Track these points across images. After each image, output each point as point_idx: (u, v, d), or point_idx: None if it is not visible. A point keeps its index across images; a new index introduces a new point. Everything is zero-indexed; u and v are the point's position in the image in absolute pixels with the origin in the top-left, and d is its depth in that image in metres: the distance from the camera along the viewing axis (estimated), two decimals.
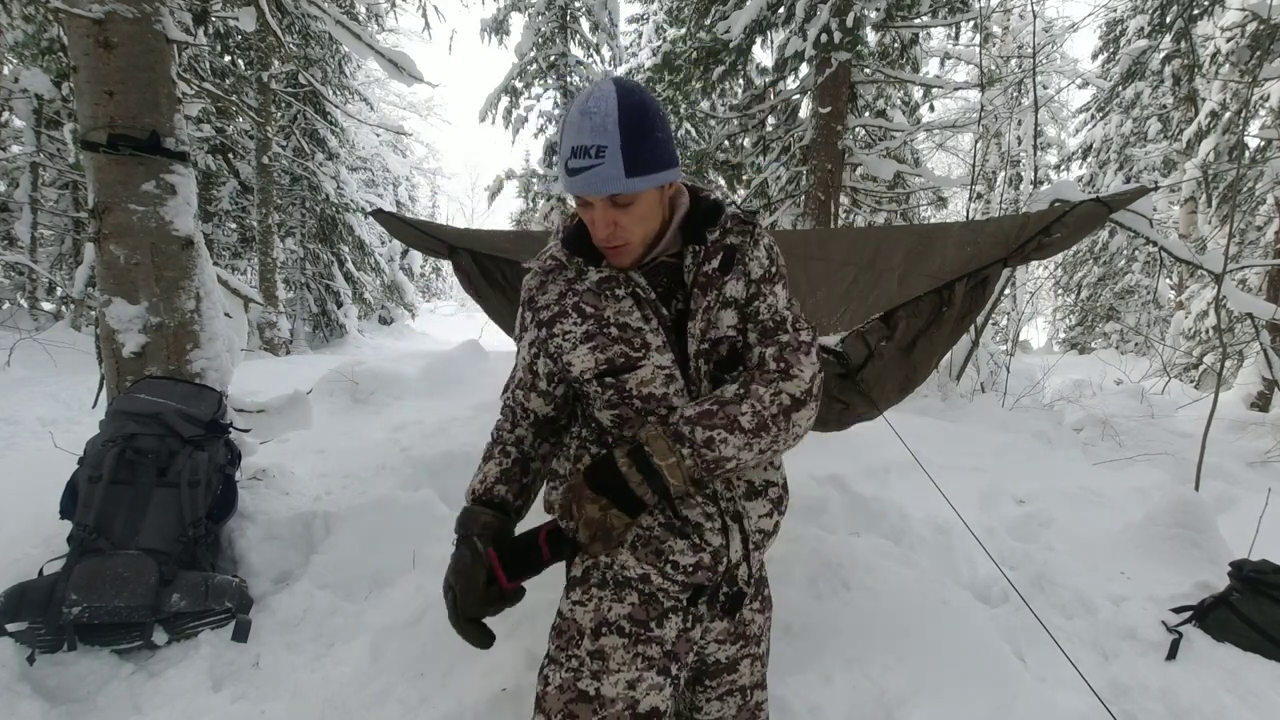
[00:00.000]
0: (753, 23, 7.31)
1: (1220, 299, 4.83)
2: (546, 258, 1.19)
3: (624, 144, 1.00)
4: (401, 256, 18.41)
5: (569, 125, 1.04)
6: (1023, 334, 17.84)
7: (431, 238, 2.94)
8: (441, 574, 1.20)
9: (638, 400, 1.11)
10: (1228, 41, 8.68)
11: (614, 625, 1.12)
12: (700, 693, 1.27)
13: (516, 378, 1.25)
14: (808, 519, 3.03)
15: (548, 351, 1.17)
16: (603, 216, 1.06)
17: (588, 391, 1.16)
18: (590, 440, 1.22)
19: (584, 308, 1.13)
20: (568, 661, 1.11)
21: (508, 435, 1.25)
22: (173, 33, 2.62)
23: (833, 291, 2.69)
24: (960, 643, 2.06)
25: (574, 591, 1.18)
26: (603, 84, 1.04)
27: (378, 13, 12.88)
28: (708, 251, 1.14)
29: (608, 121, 1.00)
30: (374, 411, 5.02)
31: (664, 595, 1.15)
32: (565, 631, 1.15)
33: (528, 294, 1.20)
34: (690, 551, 1.12)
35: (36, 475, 2.85)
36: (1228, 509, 3.74)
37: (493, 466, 1.23)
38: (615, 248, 1.09)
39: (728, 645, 1.25)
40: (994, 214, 13.59)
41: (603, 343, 1.11)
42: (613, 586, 1.15)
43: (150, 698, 1.93)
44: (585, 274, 1.15)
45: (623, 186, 1.02)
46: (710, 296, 1.13)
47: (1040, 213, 2.23)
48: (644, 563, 1.13)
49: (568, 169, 1.04)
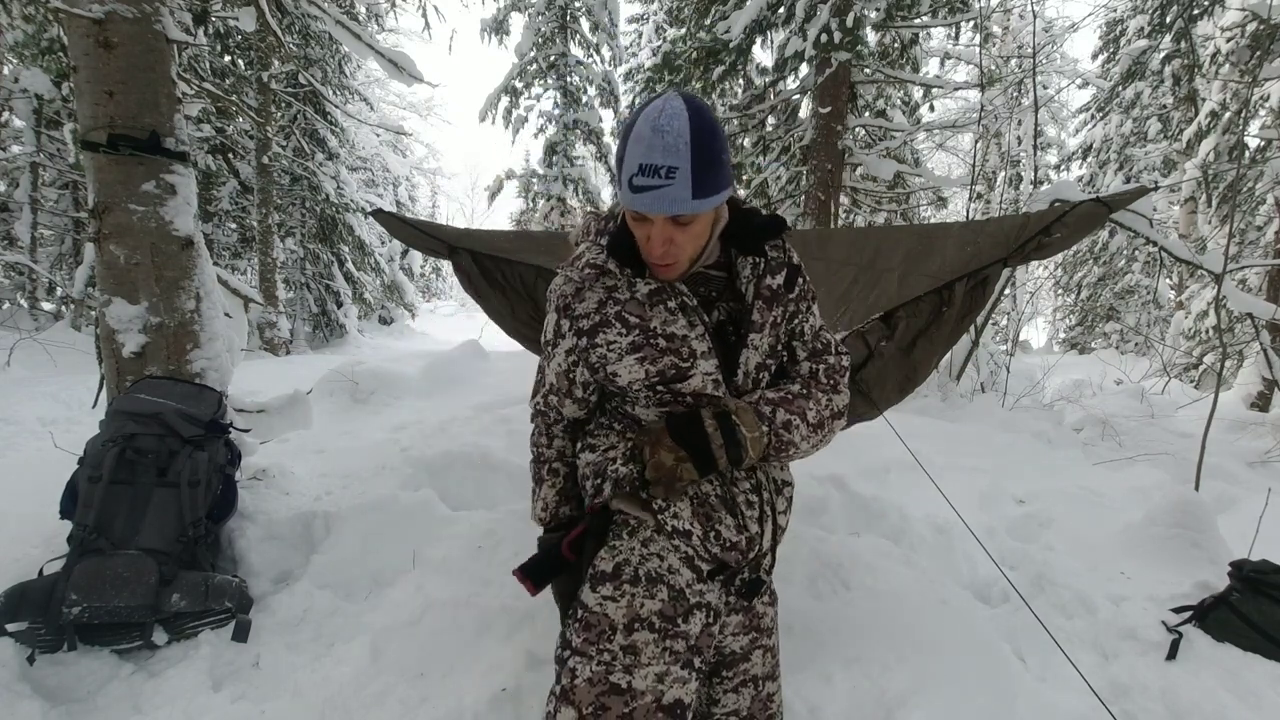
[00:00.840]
0: (753, 23, 7.31)
1: (1220, 299, 4.83)
2: (584, 265, 1.17)
3: (694, 166, 1.00)
4: (401, 256, 18.42)
5: (637, 139, 1.01)
6: (1023, 334, 17.84)
7: (431, 238, 2.94)
8: (441, 575, 1.26)
9: (690, 397, 1.17)
10: (1228, 41, 8.67)
11: (646, 621, 1.12)
12: (717, 684, 1.30)
13: (549, 384, 1.28)
14: (808, 519, 3.03)
15: (588, 361, 1.18)
16: (660, 234, 1.06)
17: (633, 395, 1.19)
18: (625, 430, 1.26)
19: (628, 318, 1.14)
20: (599, 655, 1.10)
21: (549, 452, 1.32)
22: (173, 33, 2.61)
23: (833, 291, 2.69)
24: (960, 643, 2.06)
25: (604, 586, 1.15)
26: (673, 100, 1.03)
27: (378, 13, 12.88)
28: (769, 266, 1.19)
29: (679, 142, 1.00)
30: (374, 411, 5.03)
31: (689, 590, 1.16)
32: (595, 625, 1.12)
33: (562, 300, 1.19)
34: (735, 530, 1.18)
35: (36, 475, 2.85)
36: (1228, 509, 3.73)
37: (549, 491, 1.31)
38: (666, 265, 1.11)
39: (742, 636, 1.29)
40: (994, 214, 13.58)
41: (651, 354, 1.13)
42: (645, 583, 1.15)
43: (150, 698, 1.92)
44: (634, 286, 1.15)
45: (689, 208, 1.02)
46: (776, 312, 1.19)
47: (1040, 213, 2.23)
48: (696, 520, 1.17)
49: (632, 185, 1.02)
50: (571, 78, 14.33)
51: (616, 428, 1.25)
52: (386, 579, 2.51)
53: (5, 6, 7.67)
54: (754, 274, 1.18)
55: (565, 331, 1.20)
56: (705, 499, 1.18)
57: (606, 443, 1.25)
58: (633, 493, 1.20)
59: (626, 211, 1.10)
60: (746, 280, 1.18)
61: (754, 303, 1.17)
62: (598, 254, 1.17)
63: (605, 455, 1.24)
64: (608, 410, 1.29)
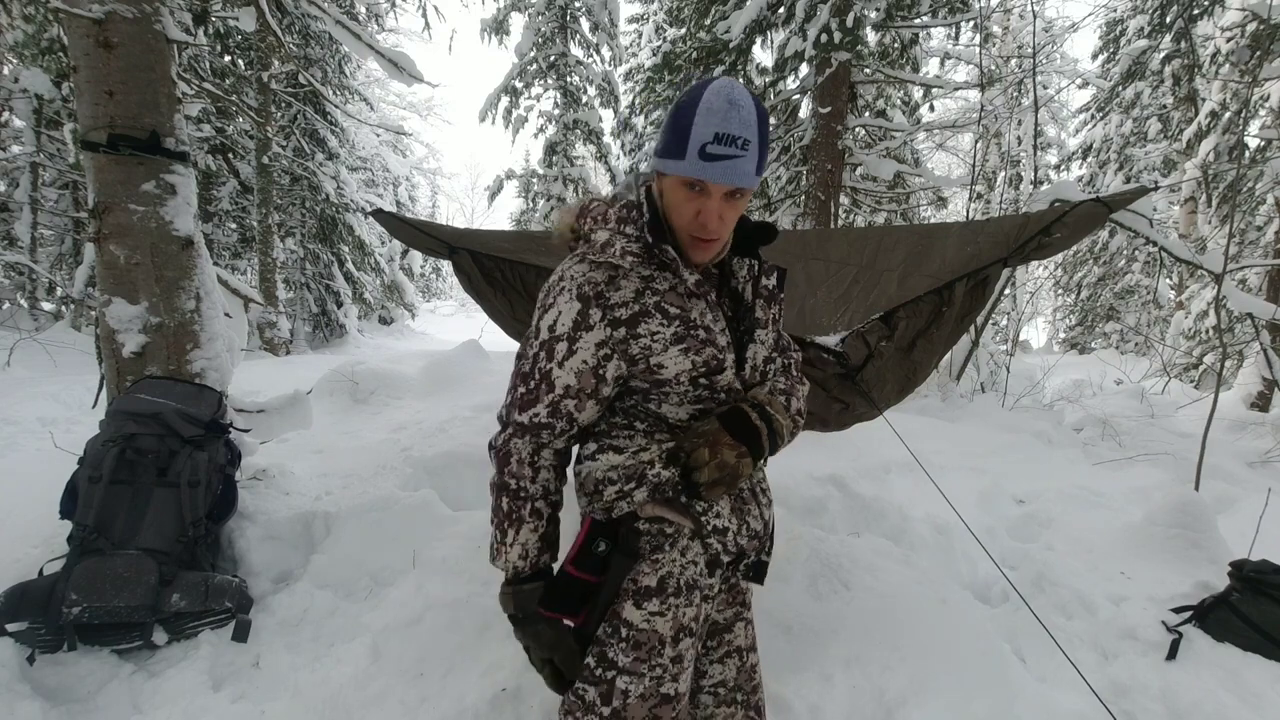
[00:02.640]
0: (753, 23, 7.31)
1: (1220, 299, 4.83)
2: (617, 252, 1.11)
3: (759, 142, 1.06)
4: (401, 256, 18.40)
5: (709, 110, 1.03)
6: (1023, 334, 17.85)
7: (431, 238, 2.94)
8: (442, 575, 1.23)
9: (723, 394, 1.18)
10: (1228, 41, 8.68)
11: (687, 629, 1.16)
12: (704, 656, 1.34)
13: (565, 387, 1.13)
14: (808, 519, 3.03)
15: (628, 353, 1.12)
16: (717, 207, 1.07)
17: (668, 391, 1.16)
18: (651, 430, 1.21)
19: (668, 308, 1.12)
20: (650, 671, 1.12)
21: (532, 487, 1.16)
22: (173, 33, 2.61)
23: (833, 291, 2.69)
24: (960, 643, 2.06)
25: (650, 602, 1.14)
26: (734, 82, 1.07)
27: (378, 13, 12.89)
28: (763, 267, 1.25)
29: (752, 118, 1.04)
30: (374, 411, 5.02)
31: (705, 585, 1.20)
32: (645, 643, 1.12)
33: (592, 289, 1.10)
34: (758, 520, 1.26)
35: (36, 475, 2.85)
36: (1228, 509, 3.73)
37: (529, 534, 1.16)
38: (709, 241, 1.11)
39: (726, 610, 1.34)
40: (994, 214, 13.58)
41: (694, 345, 1.13)
42: (685, 592, 1.16)
43: (150, 698, 1.92)
44: (680, 276, 1.13)
45: (751, 183, 1.07)
46: (774, 310, 1.26)
47: (1040, 213, 2.23)
48: (734, 515, 1.22)
49: (706, 154, 1.03)
50: (571, 78, 14.32)
51: (640, 427, 1.20)
52: (386, 579, 2.51)
53: (5, 6, 7.67)
54: (750, 275, 1.23)
55: (595, 322, 1.10)
56: (740, 493, 1.24)
57: (634, 445, 1.19)
58: (672, 498, 1.17)
59: (676, 184, 1.08)
60: (744, 280, 1.22)
61: (755, 301, 1.22)
62: (633, 243, 1.12)
63: (637, 458, 1.18)
64: (622, 410, 1.23)
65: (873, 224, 9.65)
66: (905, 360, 2.35)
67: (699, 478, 1.13)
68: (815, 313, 2.68)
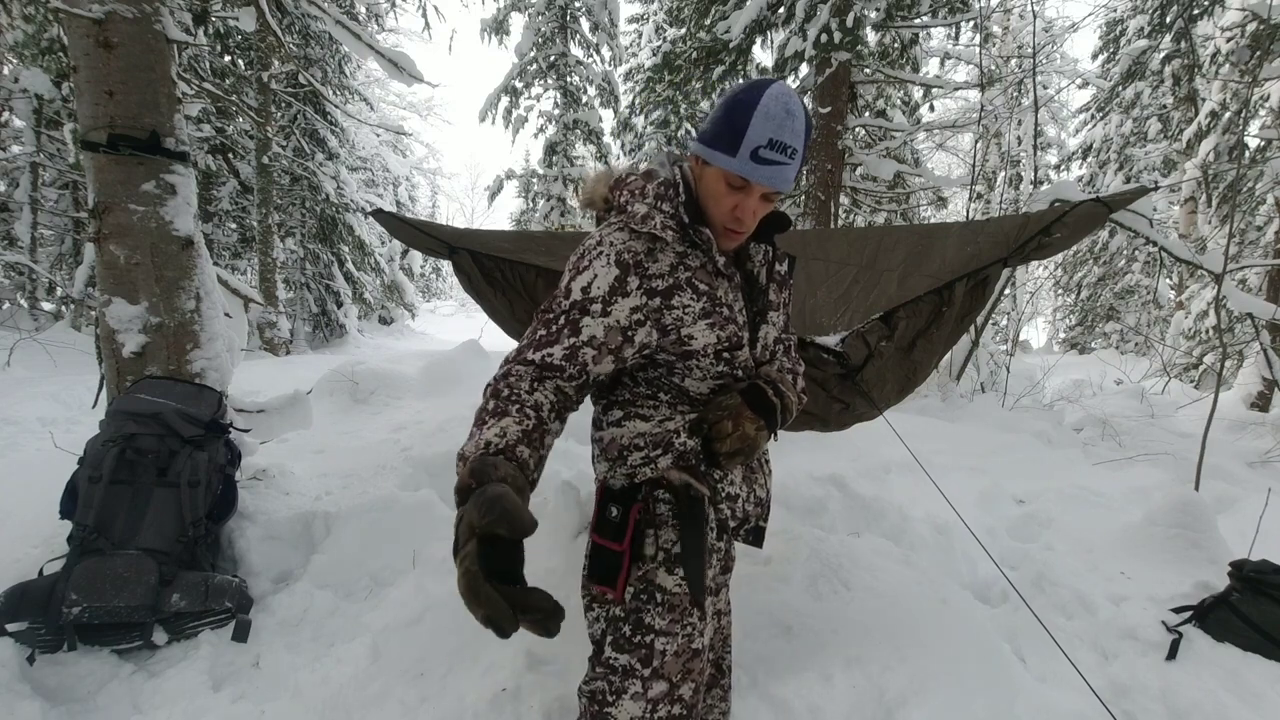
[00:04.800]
0: (753, 23, 7.31)
1: (1220, 299, 4.83)
2: (656, 224, 1.16)
3: (804, 151, 1.13)
4: (401, 256, 18.41)
5: (767, 115, 1.08)
6: (1023, 334, 17.85)
7: (431, 238, 2.93)
8: (442, 575, 1.24)
9: (741, 370, 1.25)
10: (1228, 41, 8.67)
11: (709, 588, 1.26)
12: None
13: (590, 336, 1.11)
14: (808, 519, 3.03)
15: (660, 322, 1.16)
16: (755, 205, 1.14)
17: (692, 365, 1.21)
18: (675, 401, 1.27)
19: (697, 284, 1.18)
20: (683, 630, 1.21)
21: (526, 396, 1.05)
22: (173, 33, 2.61)
23: (833, 291, 2.69)
24: (960, 643, 2.06)
25: (680, 568, 1.22)
26: (792, 89, 1.13)
27: (378, 13, 12.89)
28: (776, 254, 1.32)
29: (802, 128, 1.11)
30: (374, 411, 5.02)
31: (719, 550, 1.31)
32: (678, 605, 1.22)
33: (632, 257, 1.13)
34: (763, 488, 1.39)
35: (36, 475, 2.85)
36: (1228, 509, 3.73)
37: (513, 424, 1.00)
38: (739, 233, 1.18)
39: (719, 575, 1.39)
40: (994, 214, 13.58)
41: (719, 321, 1.19)
42: (708, 555, 1.26)
43: (150, 698, 1.93)
44: (711, 255, 1.19)
45: (790, 187, 1.15)
46: (785, 294, 1.34)
47: (1040, 213, 2.23)
48: (744, 483, 1.33)
49: (757, 157, 1.09)
50: (571, 78, 14.33)
51: (664, 399, 1.26)
52: (386, 579, 2.51)
53: (5, 6, 7.67)
54: (765, 260, 1.29)
55: (632, 289, 1.12)
56: (748, 467, 1.34)
57: (660, 414, 1.26)
58: (694, 465, 1.26)
59: (720, 177, 1.13)
60: (759, 264, 1.28)
61: (768, 285, 1.29)
62: (670, 219, 1.17)
63: (663, 427, 1.25)
64: (646, 381, 1.25)
65: (873, 224, 9.65)
66: (905, 360, 2.35)
67: (721, 448, 1.23)
68: (815, 313, 2.68)
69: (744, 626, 2.05)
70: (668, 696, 1.19)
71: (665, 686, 1.19)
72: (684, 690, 1.21)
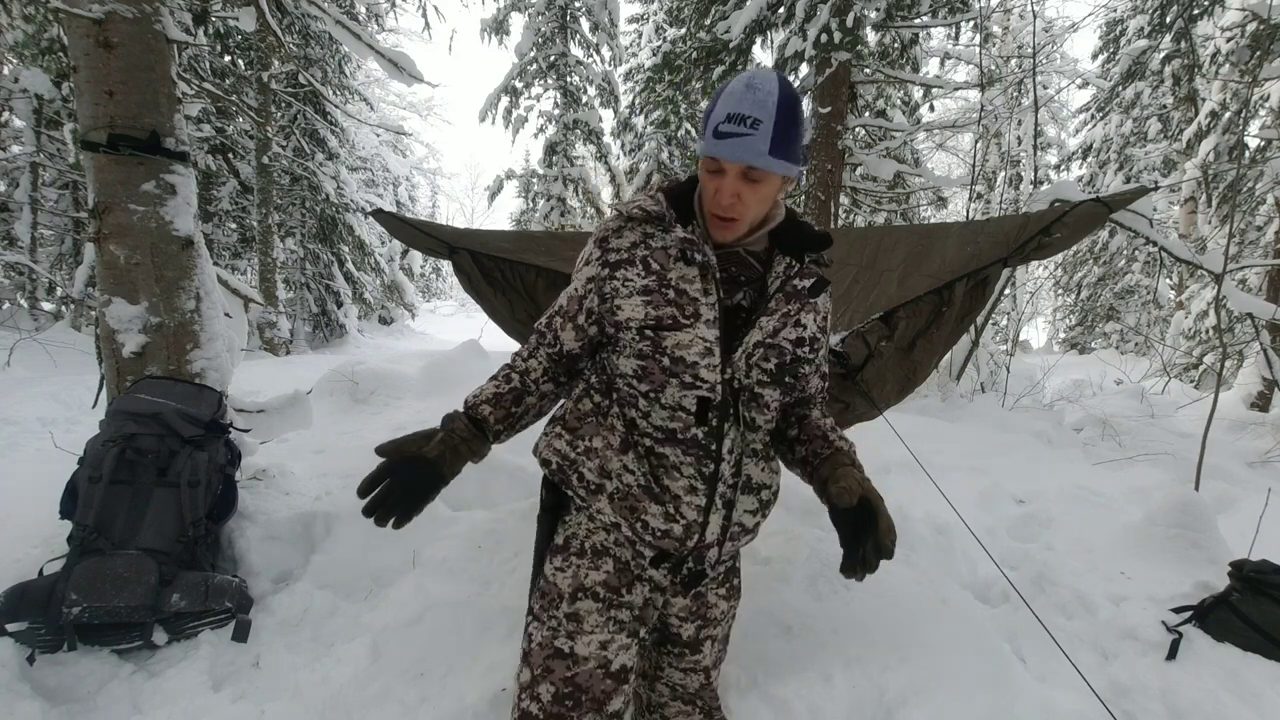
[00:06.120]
0: (753, 23, 7.32)
1: (1220, 299, 4.83)
2: (635, 206, 1.23)
3: (777, 124, 1.08)
4: (401, 256, 18.41)
5: (728, 94, 1.10)
6: (1023, 334, 17.85)
7: (431, 238, 2.94)
8: (441, 575, 1.25)
9: (667, 359, 1.16)
10: (1228, 41, 8.67)
11: (589, 591, 1.21)
12: (664, 656, 1.37)
13: (559, 306, 1.29)
14: (808, 519, 3.03)
15: (602, 291, 1.21)
16: (731, 186, 1.11)
17: (621, 338, 1.20)
18: (596, 389, 1.28)
19: (650, 263, 1.19)
20: (548, 621, 1.21)
21: (520, 363, 1.29)
22: (173, 33, 2.61)
23: (833, 292, 2.69)
24: (960, 643, 2.06)
25: (555, 558, 1.27)
26: (767, 70, 1.14)
27: (378, 13, 12.90)
28: (802, 271, 1.25)
29: (769, 99, 1.08)
30: (374, 411, 5.02)
31: (634, 564, 1.26)
32: (548, 594, 1.24)
33: (603, 233, 1.24)
34: (663, 519, 1.20)
35: (36, 475, 2.85)
36: (1228, 509, 3.73)
37: (490, 386, 1.27)
38: (728, 220, 1.15)
39: (689, 624, 1.34)
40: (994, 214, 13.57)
41: (657, 300, 1.17)
42: (590, 555, 1.25)
43: (150, 698, 1.92)
44: (671, 230, 1.19)
45: (763, 163, 1.09)
46: (792, 308, 1.24)
47: (1040, 213, 2.23)
48: (618, 514, 1.22)
49: (716, 132, 1.09)
50: (571, 78, 14.32)
51: (575, 394, 1.31)
52: (386, 579, 2.51)
53: (5, 6, 7.67)
54: (785, 273, 1.24)
55: (593, 259, 1.23)
56: (626, 490, 1.21)
57: (561, 411, 1.33)
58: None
59: (702, 164, 1.15)
60: (776, 276, 1.23)
61: (775, 294, 1.22)
62: (650, 201, 1.22)
63: (582, 423, 1.28)
64: (593, 365, 1.31)
65: (873, 224, 9.65)
66: (905, 360, 2.35)
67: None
68: None
69: (744, 626, 2.04)
70: (528, 689, 1.18)
71: (528, 676, 1.19)
72: (542, 690, 1.16)
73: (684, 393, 1.17)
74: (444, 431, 1.19)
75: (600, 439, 1.23)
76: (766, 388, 1.22)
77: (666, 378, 1.17)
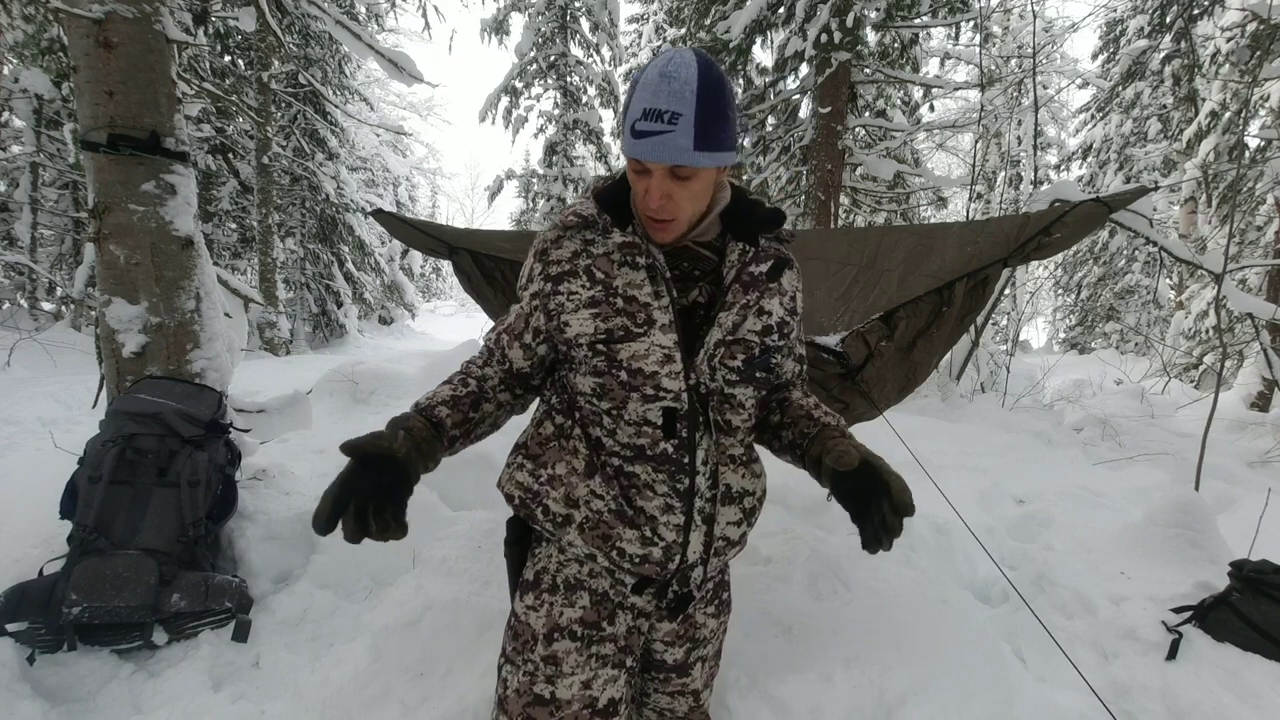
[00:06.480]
0: (753, 23, 7.32)
1: (1220, 299, 4.83)
2: (570, 214, 1.15)
3: (698, 116, 0.97)
4: (401, 256, 18.41)
5: (643, 86, 0.99)
6: (1023, 334, 17.85)
7: (431, 238, 2.94)
8: (442, 575, 1.21)
9: (625, 373, 1.07)
10: (1228, 41, 8.67)
11: (566, 630, 1.12)
12: (649, 682, 1.29)
13: (507, 323, 1.21)
14: (808, 519, 3.03)
15: (547, 308, 1.13)
16: (659, 186, 1.02)
17: (575, 355, 1.11)
18: (557, 409, 1.18)
19: (595, 272, 1.09)
20: (524, 665, 1.11)
21: (475, 369, 1.19)
22: (173, 33, 2.61)
23: (833, 291, 2.69)
24: (960, 643, 2.06)
25: (526, 596, 1.17)
26: (684, 52, 1.01)
27: (378, 13, 12.91)
28: (757, 255, 1.15)
29: (686, 89, 0.97)
30: (374, 411, 5.02)
31: (614, 592, 1.16)
32: (520, 635, 1.14)
33: (542, 245, 1.16)
34: (639, 543, 1.10)
35: (36, 475, 2.85)
36: (1228, 509, 3.73)
37: (445, 389, 1.14)
38: (662, 222, 1.06)
39: (676, 647, 1.25)
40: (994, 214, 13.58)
41: (606, 312, 1.07)
42: (563, 591, 1.15)
43: (150, 698, 1.93)
44: (609, 235, 1.10)
45: (689, 159, 0.99)
46: (751, 297, 1.13)
47: (1040, 213, 2.23)
48: (590, 545, 1.11)
49: (634, 131, 0.99)
50: (571, 78, 14.32)
51: (536, 417, 1.23)
52: (386, 579, 2.51)
53: (5, 6, 7.67)
54: (740, 260, 1.13)
55: (535, 275, 1.15)
56: (597, 518, 1.10)
57: (523, 439, 1.23)
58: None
59: (628, 164, 1.06)
60: (731, 265, 1.13)
61: (731, 285, 1.12)
62: (585, 205, 1.13)
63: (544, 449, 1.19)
64: (552, 384, 1.22)
65: (873, 224, 9.65)
66: (905, 360, 2.35)
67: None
68: (815, 313, 2.68)
69: (744, 626, 2.04)
70: None
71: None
72: None
73: (647, 406, 1.08)
74: (403, 430, 1.05)
75: (563, 464, 1.13)
76: (737, 386, 1.13)
77: (627, 392, 1.07)
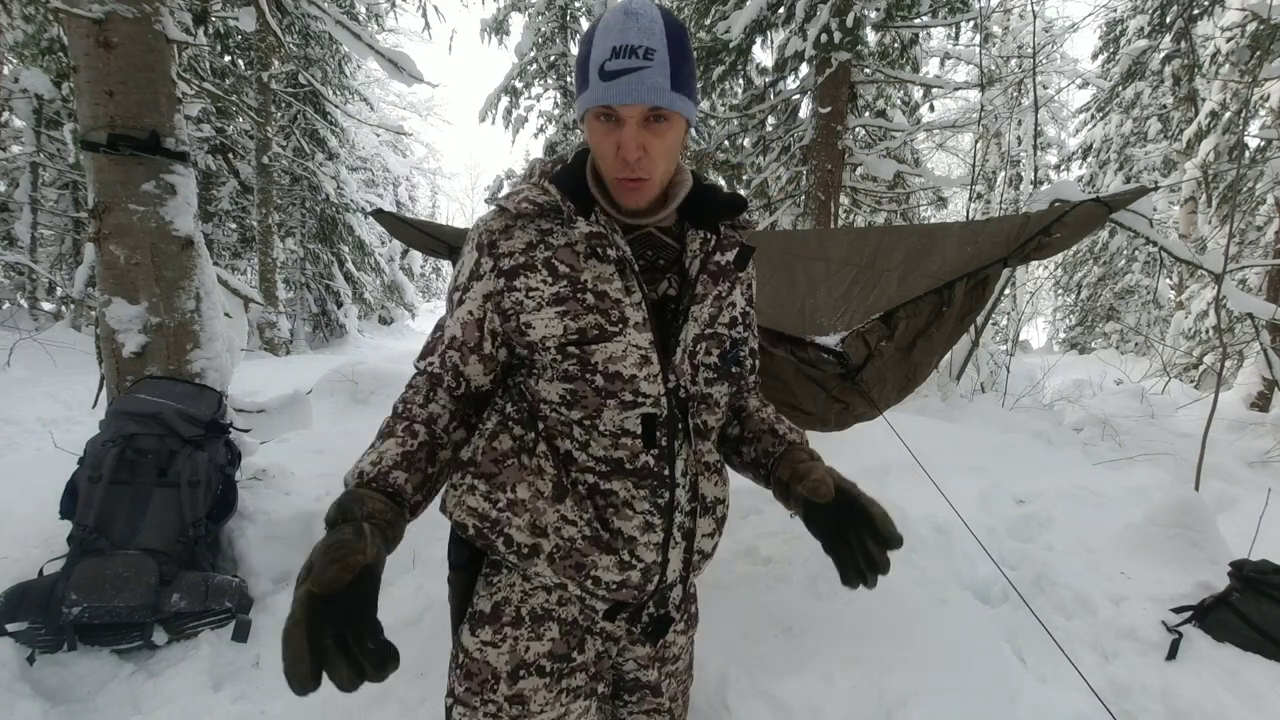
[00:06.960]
0: (753, 23, 7.32)
1: (1220, 299, 4.83)
2: (520, 200, 1.00)
3: (672, 54, 0.90)
4: (401, 256, 18.42)
5: (605, 28, 0.90)
6: (1023, 334, 17.86)
7: (432, 238, 2.94)
8: (441, 575, 1.14)
9: (600, 378, 0.96)
10: (1228, 41, 8.68)
11: (533, 666, 1.01)
12: (621, 707, 1.22)
13: (450, 337, 1.04)
14: None
15: (501, 308, 1.00)
16: (634, 137, 0.91)
17: (539, 360, 0.99)
18: (515, 419, 1.04)
19: (557, 265, 0.97)
20: (483, 706, 1.00)
21: (418, 411, 1.01)
22: (173, 33, 2.62)
23: (833, 291, 2.69)
24: (960, 643, 2.06)
25: (482, 630, 1.03)
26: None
27: (378, 13, 12.91)
28: (719, 243, 1.06)
29: (655, 26, 0.89)
30: (374, 411, 5.02)
31: (583, 618, 1.07)
32: (476, 674, 1.01)
33: (487, 237, 1.00)
34: (617, 569, 1.01)
35: (36, 475, 2.85)
36: (1228, 509, 3.73)
37: (393, 446, 0.96)
38: (636, 180, 0.95)
39: (651, 669, 1.18)
40: (994, 214, 13.58)
41: (575, 309, 0.96)
42: (529, 624, 1.03)
43: (150, 698, 1.93)
44: (573, 225, 0.97)
45: (666, 100, 0.90)
46: (723, 287, 1.06)
47: (1040, 213, 2.23)
48: (561, 575, 1.01)
49: (604, 72, 0.89)
50: (571, 78, 14.32)
51: (489, 429, 1.06)
52: (386, 579, 2.47)
53: (5, 6, 7.68)
54: (703, 249, 1.05)
55: (485, 272, 0.99)
56: (569, 545, 1.00)
57: (471, 453, 1.06)
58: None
59: (591, 121, 0.94)
60: (693, 255, 1.04)
61: (699, 276, 1.03)
62: (538, 191, 1.00)
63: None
64: (507, 393, 1.07)
65: (873, 224, 9.65)
66: (905, 360, 2.35)
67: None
68: (815, 313, 2.68)
69: (744, 626, 2.05)
70: None
71: None
72: None
73: (625, 414, 0.97)
74: (366, 523, 0.89)
75: (526, 487, 1.00)
76: (715, 385, 1.06)
77: (602, 399, 0.97)
